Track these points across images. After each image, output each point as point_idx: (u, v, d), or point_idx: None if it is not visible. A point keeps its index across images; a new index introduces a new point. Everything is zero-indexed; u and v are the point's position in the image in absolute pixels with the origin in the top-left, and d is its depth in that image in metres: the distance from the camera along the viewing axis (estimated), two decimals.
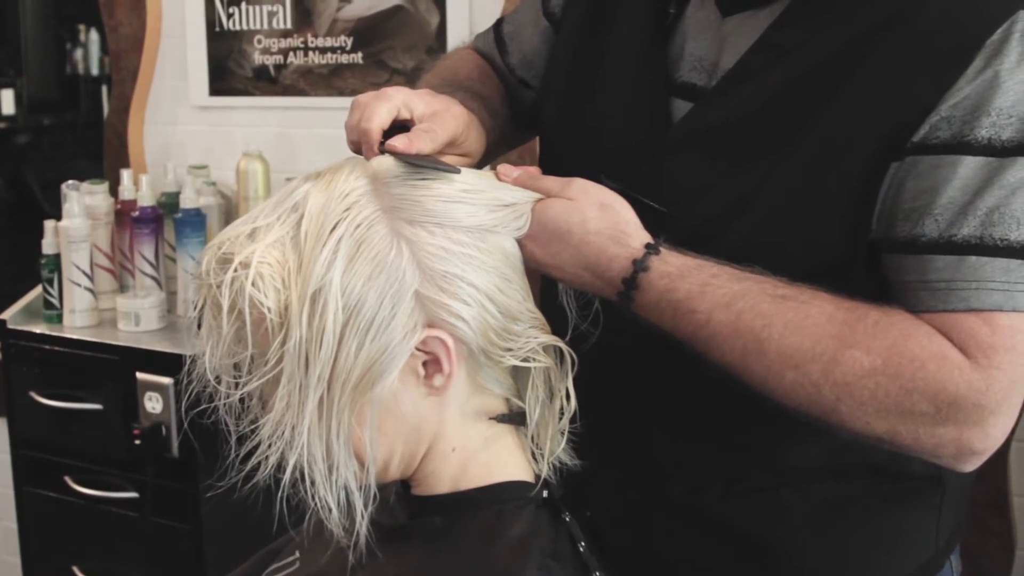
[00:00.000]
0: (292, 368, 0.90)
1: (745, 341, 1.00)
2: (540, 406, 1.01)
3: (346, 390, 0.91)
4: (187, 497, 2.30)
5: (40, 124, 5.00)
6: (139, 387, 2.30)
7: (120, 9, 2.84)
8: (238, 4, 2.73)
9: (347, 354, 0.90)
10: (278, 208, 0.95)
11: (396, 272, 0.92)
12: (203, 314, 0.95)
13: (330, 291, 0.89)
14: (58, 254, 2.47)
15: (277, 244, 0.92)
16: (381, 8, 2.57)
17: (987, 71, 0.98)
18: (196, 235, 2.49)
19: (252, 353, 0.93)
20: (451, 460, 0.99)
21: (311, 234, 0.91)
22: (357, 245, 0.91)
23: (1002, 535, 2.12)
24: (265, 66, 2.74)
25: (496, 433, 1.00)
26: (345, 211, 0.92)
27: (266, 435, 0.91)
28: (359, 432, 0.92)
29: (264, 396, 0.95)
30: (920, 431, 0.97)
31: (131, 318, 2.43)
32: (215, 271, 0.93)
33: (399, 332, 0.91)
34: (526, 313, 0.99)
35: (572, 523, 1.01)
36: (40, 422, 2.47)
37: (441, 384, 0.95)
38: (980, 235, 0.97)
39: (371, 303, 0.90)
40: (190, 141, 2.86)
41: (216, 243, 0.95)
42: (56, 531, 2.54)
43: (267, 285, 0.91)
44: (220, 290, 0.91)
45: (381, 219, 0.93)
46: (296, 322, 0.90)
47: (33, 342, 2.47)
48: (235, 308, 0.91)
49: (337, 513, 0.92)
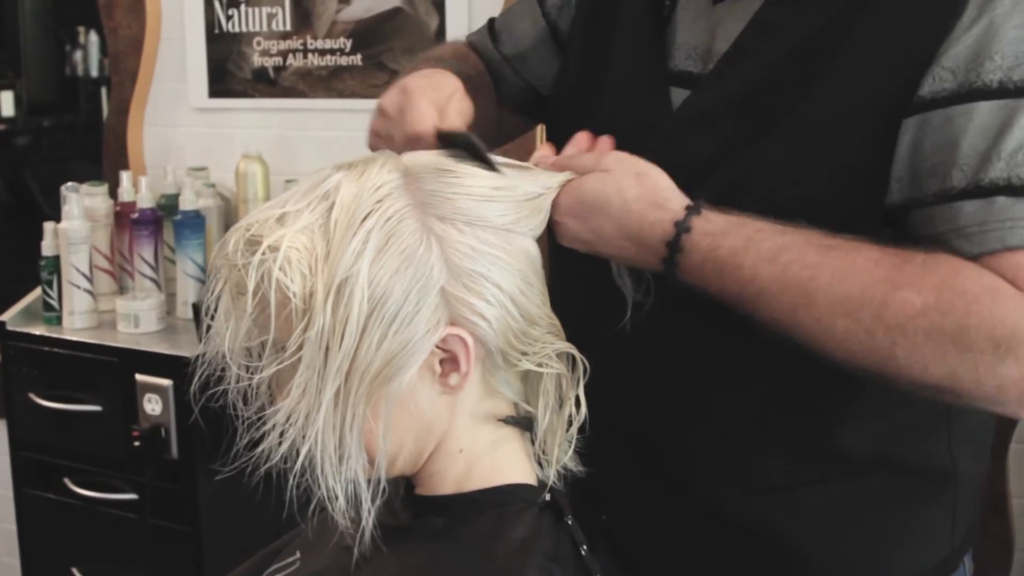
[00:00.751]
0: (312, 356, 0.90)
1: (794, 294, 0.98)
2: (549, 412, 1.01)
3: (364, 382, 0.90)
4: (186, 499, 2.30)
5: (40, 126, 5.00)
6: (138, 389, 2.30)
7: (119, 11, 2.85)
8: (237, 6, 2.73)
9: (368, 346, 0.90)
10: (308, 195, 0.94)
11: (424, 267, 0.91)
12: (221, 295, 0.95)
13: (357, 281, 0.89)
14: (57, 256, 2.47)
15: (306, 230, 0.92)
16: (380, 10, 2.57)
17: (981, 19, 0.98)
18: (195, 237, 2.49)
19: (270, 339, 0.92)
20: (457, 461, 0.99)
21: (341, 223, 0.91)
22: (387, 238, 0.91)
23: (1000, 536, 2.12)
24: (264, 68, 2.74)
25: (503, 436, 1.01)
26: (377, 203, 0.92)
27: (280, 421, 0.91)
28: (372, 425, 0.92)
29: (278, 383, 0.94)
30: (980, 372, 0.93)
31: (130, 320, 2.43)
32: (242, 252, 0.92)
33: (422, 328, 0.91)
34: (545, 318, 0.99)
35: (574, 527, 1.01)
36: (39, 424, 2.47)
37: (456, 383, 0.95)
38: (1007, 176, 0.95)
39: (396, 296, 0.90)
40: (189, 143, 2.87)
41: (244, 224, 0.94)
42: (55, 533, 2.54)
43: (294, 270, 0.90)
44: (246, 271, 0.91)
45: (412, 213, 0.93)
46: (320, 310, 0.89)
47: (32, 344, 2.47)
48: (259, 291, 0.90)
49: (344, 503, 0.91)
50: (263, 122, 2.77)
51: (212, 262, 0.98)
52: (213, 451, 1.04)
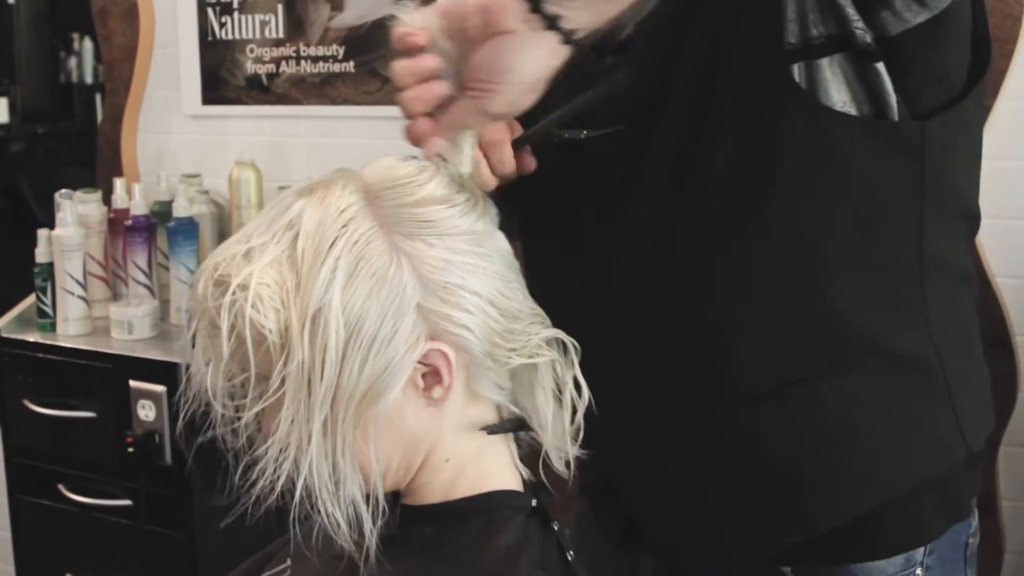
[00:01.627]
0: (296, 389, 0.89)
1: None
2: (552, 401, 1.00)
3: (350, 408, 0.90)
4: (180, 505, 2.31)
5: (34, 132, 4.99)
6: (132, 395, 2.30)
7: (113, 19, 2.86)
8: (230, 14, 2.74)
9: (350, 372, 0.89)
10: (272, 226, 0.93)
11: (397, 287, 0.91)
12: (197, 337, 0.94)
13: (330, 310, 0.89)
14: (51, 263, 2.48)
15: (274, 264, 0.91)
16: (373, 17, 2.58)
17: None
18: (189, 243, 2.50)
19: (251, 376, 0.91)
20: (444, 470, 0.99)
21: (308, 253, 0.90)
22: (356, 262, 0.90)
23: (991, 538, 2.14)
24: (257, 75, 2.75)
25: (488, 442, 1.00)
26: (342, 227, 0.91)
27: (272, 456, 0.90)
28: (363, 447, 0.92)
29: (266, 417, 0.93)
30: None
31: (124, 326, 2.44)
32: (212, 294, 0.91)
33: (402, 347, 0.91)
34: (527, 310, 0.99)
35: (560, 532, 1.01)
36: (33, 430, 2.48)
37: (440, 396, 0.94)
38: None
39: (372, 320, 0.90)
40: (183, 150, 2.88)
41: (211, 265, 0.93)
42: (50, 539, 2.54)
43: (267, 307, 0.89)
44: (219, 313, 0.90)
45: (378, 234, 0.92)
46: (298, 343, 0.89)
47: (27, 350, 2.48)
48: (234, 331, 0.90)
49: (346, 528, 0.91)
50: (256, 129, 2.78)
51: (186, 304, 0.97)
52: (208, 490, 1.05)
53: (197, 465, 1.20)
